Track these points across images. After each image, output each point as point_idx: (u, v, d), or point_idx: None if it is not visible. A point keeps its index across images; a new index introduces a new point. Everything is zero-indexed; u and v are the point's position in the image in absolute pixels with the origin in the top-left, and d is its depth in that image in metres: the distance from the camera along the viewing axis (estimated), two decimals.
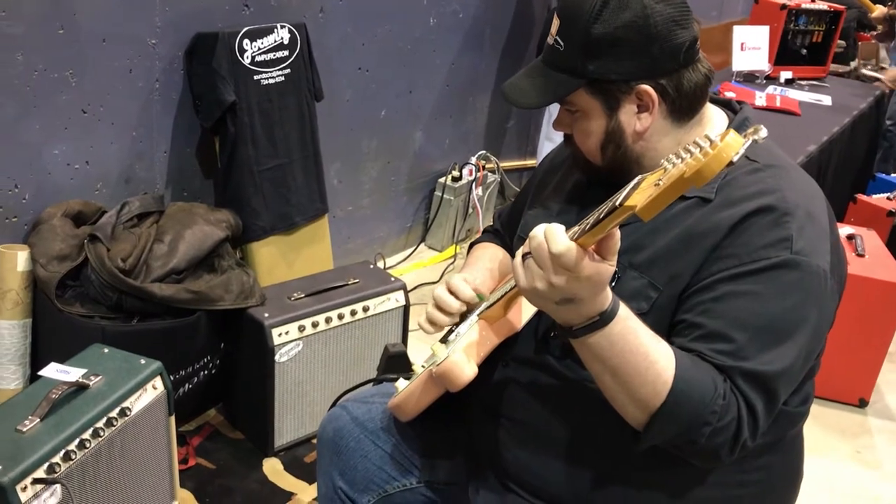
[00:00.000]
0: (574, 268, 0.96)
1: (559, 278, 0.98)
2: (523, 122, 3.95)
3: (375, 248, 3.36)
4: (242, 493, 2.13)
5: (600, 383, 1.09)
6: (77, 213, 2.16)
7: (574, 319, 1.03)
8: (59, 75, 2.08)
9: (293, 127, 2.59)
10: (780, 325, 1.09)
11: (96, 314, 2.03)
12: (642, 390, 1.04)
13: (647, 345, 1.04)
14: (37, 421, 1.60)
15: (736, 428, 1.05)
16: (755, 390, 1.07)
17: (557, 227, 0.98)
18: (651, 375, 1.03)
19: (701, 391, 1.04)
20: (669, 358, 1.05)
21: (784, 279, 1.09)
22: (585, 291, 0.99)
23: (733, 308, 1.09)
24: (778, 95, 3.86)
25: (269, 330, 2.12)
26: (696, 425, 1.04)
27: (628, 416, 1.09)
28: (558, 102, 1.23)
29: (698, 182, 0.82)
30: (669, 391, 1.03)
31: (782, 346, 1.08)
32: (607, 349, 1.03)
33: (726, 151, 0.81)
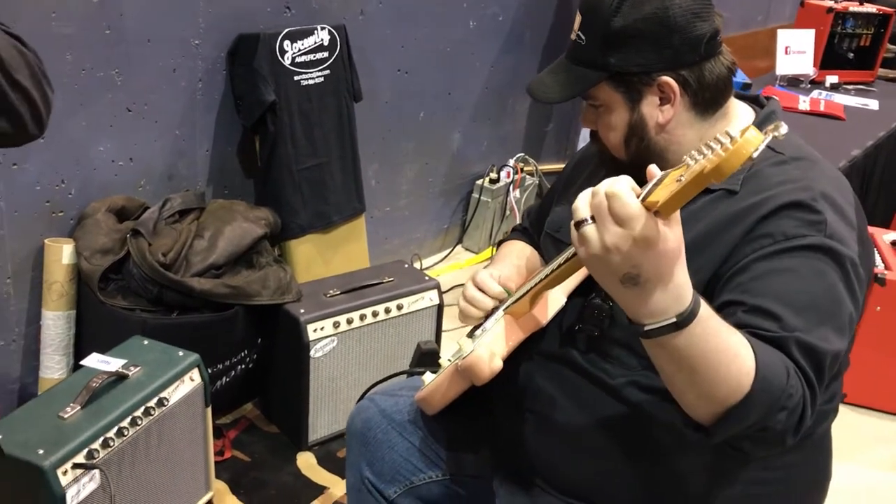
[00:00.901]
0: (630, 216, 0.87)
1: (615, 233, 0.89)
2: (562, 125, 3.95)
3: (412, 249, 3.38)
4: (276, 486, 2.17)
5: (670, 382, 1.02)
6: (120, 208, 2.21)
7: (642, 310, 0.93)
8: (105, 74, 2.14)
9: (332, 127, 2.62)
10: (821, 304, 1.06)
11: (137, 307, 2.08)
12: (724, 387, 0.97)
13: (728, 340, 0.97)
14: (78, 408, 1.65)
15: (802, 407, 1.01)
16: (809, 363, 1.03)
17: (623, 176, 0.92)
18: (733, 370, 0.96)
19: (779, 376, 0.99)
20: (748, 349, 0.98)
21: (819, 260, 1.08)
22: (649, 264, 0.90)
23: (774, 284, 1.06)
24: (822, 100, 3.81)
25: (305, 325, 2.15)
26: (773, 411, 0.99)
27: (697, 411, 1.02)
28: (581, 97, 1.24)
29: (718, 178, 0.82)
30: (753, 382, 0.96)
31: (826, 326, 1.05)
32: (687, 351, 0.95)
33: (745, 148, 0.81)
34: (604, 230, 0.90)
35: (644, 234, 0.88)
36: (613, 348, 1.19)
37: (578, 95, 1.23)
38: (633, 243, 0.89)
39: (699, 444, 1.14)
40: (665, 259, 0.90)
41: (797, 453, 1.20)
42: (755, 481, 1.19)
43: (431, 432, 1.43)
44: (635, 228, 0.88)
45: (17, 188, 2.06)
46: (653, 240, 0.89)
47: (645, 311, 0.94)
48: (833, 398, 1.23)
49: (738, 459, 1.17)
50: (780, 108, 1.28)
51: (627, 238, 0.89)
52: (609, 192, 0.90)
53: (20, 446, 1.54)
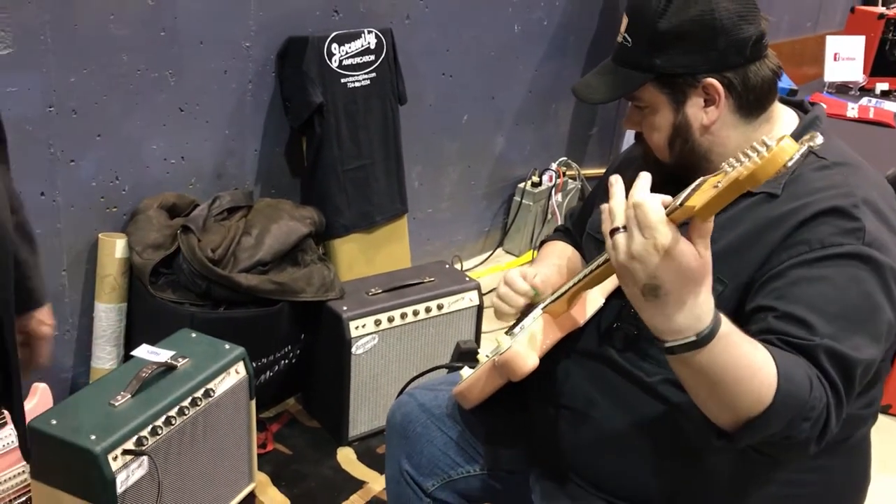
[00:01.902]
0: (652, 225, 0.91)
1: (640, 241, 0.92)
2: (606, 129, 3.94)
3: (453, 251, 3.41)
4: (316, 479, 2.21)
5: (692, 394, 1.03)
6: (172, 205, 2.27)
7: (663, 327, 0.96)
8: (159, 75, 2.21)
9: (377, 129, 2.66)
10: (855, 313, 1.07)
11: (186, 301, 2.13)
12: (745, 399, 0.99)
13: (748, 356, 0.98)
14: (128, 397, 1.70)
15: (826, 416, 1.02)
16: (837, 371, 1.04)
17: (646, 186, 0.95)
18: (755, 384, 0.98)
19: (801, 388, 1.00)
20: (770, 362, 0.99)
21: (855, 268, 1.08)
22: (671, 278, 0.92)
23: (807, 292, 1.07)
24: (871, 107, 3.75)
25: (347, 322, 2.19)
26: (796, 422, 1.00)
27: (720, 420, 1.04)
28: (627, 98, 1.25)
29: (752, 184, 0.85)
30: (775, 394, 0.98)
31: (859, 334, 1.06)
32: (708, 367, 0.97)
33: (780, 156, 0.83)
34: (630, 238, 0.94)
35: (664, 244, 0.91)
36: (651, 347, 1.20)
37: (624, 96, 1.25)
38: (654, 253, 0.92)
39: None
40: (687, 276, 0.93)
41: (834, 457, 1.20)
42: (790, 482, 1.19)
43: (469, 427, 1.46)
44: (657, 238, 0.91)
45: (74, 184, 2.13)
46: (672, 251, 0.91)
47: (665, 328, 0.96)
48: (872, 403, 1.23)
49: (772, 460, 1.18)
50: (825, 113, 1.28)
51: (649, 247, 0.92)
52: (635, 201, 0.93)
53: (73, 432, 1.60)
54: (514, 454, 1.43)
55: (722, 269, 1.14)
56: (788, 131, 1.24)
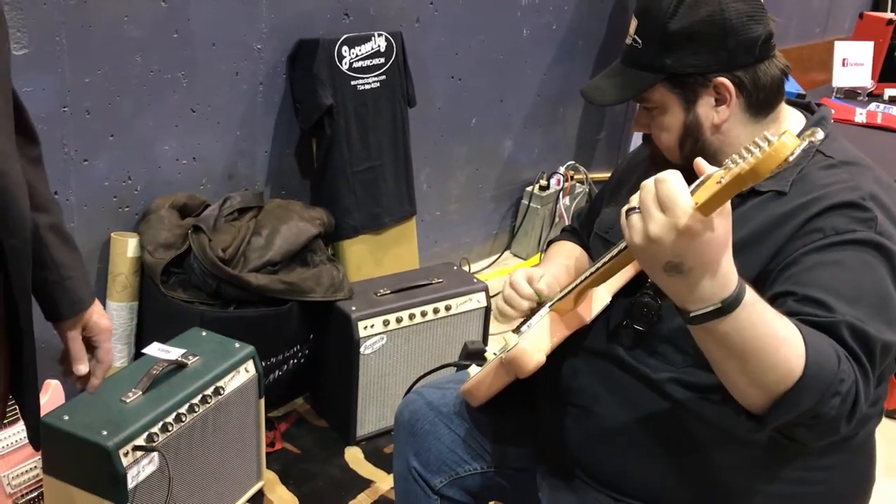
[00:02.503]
0: (675, 203, 0.89)
1: (659, 222, 0.91)
2: (614, 134, 3.95)
3: (461, 253, 3.42)
4: (324, 478, 2.22)
5: (720, 370, 1.03)
6: (183, 205, 2.29)
7: (687, 298, 0.95)
8: (171, 76, 2.23)
9: (386, 131, 2.68)
10: (871, 297, 1.07)
11: (196, 300, 2.15)
12: (774, 373, 0.97)
13: (775, 326, 0.98)
14: (139, 393, 1.72)
15: (855, 392, 1.01)
16: (861, 348, 1.03)
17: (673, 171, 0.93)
18: (782, 356, 0.97)
19: (830, 362, 0.99)
20: (798, 334, 0.99)
21: (868, 255, 1.09)
22: (692, 255, 0.92)
23: (824, 276, 1.08)
24: (880, 112, 3.75)
25: (356, 322, 2.20)
26: (826, 397, 0.99)
27: (749, 399, 1.02)
28: (636, 100, 1.27)
29: (754, 179, 0.85)
30: (804, 367, 0.97)
31: (878, 317, 1.06)
32: (734, 336, 0.96)
33: (781, 151, 0.84)
34: (648, 218, 0.92)
35: (688, 225, 0.90)
36: (659, 345, 1.21)
37: (635, 97, 1.26)
38: (676, 234, 0.91)
39: (741, 440, 1.16)
40: (710, 248, 0.92)
41: (838, 455, 1.21)
42: (795, 481, 1.20)
43: (477, 425, 1.47)
44: (680, 218, 0.90)
45: (87, 183, 2.15)
46: (697, 231, 0.90)
47: (690, 298, 0.95)
48: (877, 401, 1.24)
49: (777, 458, 1.19)
50: (830, 113, 1.30)
51: (671, 229, 0.91)
52: (659, 177, 0.93)
53: (85, 427, 1.62)
54: (522, 452, 1.44)
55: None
56: (795, 131, 1.25)
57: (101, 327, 1.22)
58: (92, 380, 1.24)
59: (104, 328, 1.23)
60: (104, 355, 1.24)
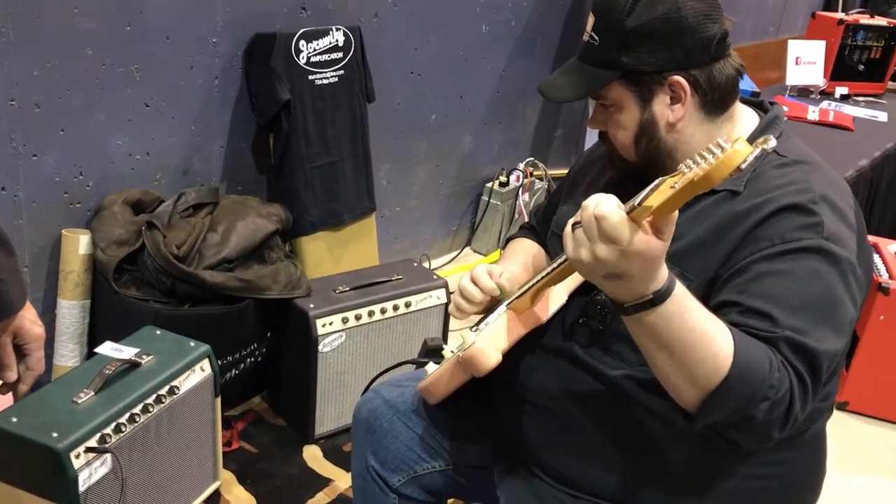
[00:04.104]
0: (620, 238, 0.93)
1: (605, 249, 0.95)
2: (571, 130, 3.98)
3: (421, 250, 3.41)
4: (282, 478, 2.20)
5: (653, 363, 1.06)
6: (136, 201, 2.25)
7: (623, 296, 1.00)
8: (124, 70, 2.19)
9: (345, 127, 2.66)
10: (816, 305, 1.09)
11: (150, 298, 2.11)
12: (701, 368, 1.01)
13: (704, 321, 1.02)
14: (91, 394, 1.68)
15: (789, 401, 1.04)
16: (802, 362, 1.05)
17: (609, 196, 0.96)
18: (710, 352, 1.01)
19: (759, 365, 1.02)
20: (727, 333, 1.02)
21: (816, 262, 1.10)
22: (635, 268, 0.96)
23: (769, 286, 1.09)
24: (831, 110, 3.83)
25: (314, 320, 2.18)
26: (755, 400, 1.02)
27: (682, 396, 1.06)
28: (592, 97, 1.27)
29: (708, 185, 0.87)
30: (731, 366, 1.00)
31: (822, 326, 1.08)
32: (663, 328, 1.01)
33: (734, 158, 0.85)
34: (595, 246, 0.96)
35: (637, 249, 0.94)
36: (614, 343, 1.22)
37: (591, 94, 1.26)
38: (622, 256, 0.95)
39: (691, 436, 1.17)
40: (649, 262, 0.97)
41: (791, 450, 1.23)
42: (748, 476, 1.21)
43: (435, 423, 1.46)
44: (625, 245, 0.94)
45: (36, 179, 2.10)
46: (643, 252, 0.94)
47: (625, 295, 1.01)
48: (827, 397, 1.26)
49: (731, 454, 1.20)
50: (783, 112, 1.31)
51: (616, 252, 0.95)
52: (598, 214, 0.94)
53: (35, 429, 1.57)
54: (479, 449, 1.44)
55: (687, 265, 1.16)
56: (749, 130, 1.26)
57: (33, 335, 1.19)
58: (20, 386, 1.21)
59: (36, 336, 1.19)
60: (35, 363, 1.21)
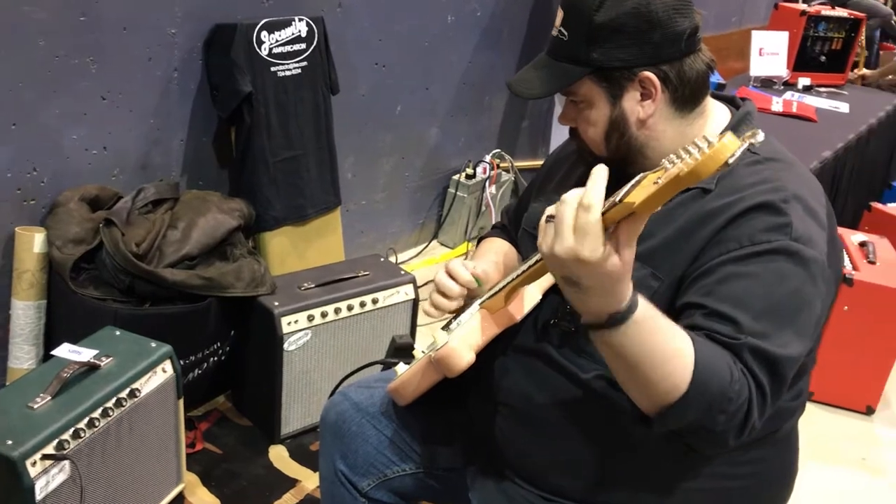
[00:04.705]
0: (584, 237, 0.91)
1: (563, 246, 0.93)
2: (538, 123, 3.96)
3: (388, 243, 3.38)
4: (248, 479, 2.16)
5: (615, 374, 1.07)
6: (93, 197, 2.19)
7: (580, 308, 1.00)
8: (79, 61, 2.12)
9: (308, 119, 2.61)
10: (782, 309, 1.08)
11: (109, 297, 2.05)
12: (659, 386, 1.02)
13: (665, 343, 1.01)
14: (48, 399, 1.63)
15: (746, 410, 1.04)
16: (763, 369, 1.05)
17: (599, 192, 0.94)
18: (668, 371, 1.00)
19: (719, 379, 1.02)
20: (689, 350, 1.01)
21: (784, 264, 1.09)
22: (590, 279, 0.94)
23: (735, 289, 1.08)
24: (795, 101, 3.86)
25: (279, 318, 2.14)
26: (712, 412, 1.02)
27: (641, 405, 1.07)
28: (562, 93, 1.24)
29: (694, 180, 0.84)
30: (690, 383, 1.00)
31: (787, 330, 1.08)
32: (619, 348, 1.01)
33: (722, 153, 0.82)
34: (558, 237, 0.94)
35: (588, 259, 0.93)
36: (587, 344, 1.19)
37: (560, 91, 1.23)
38: (576, 261, 0.93)
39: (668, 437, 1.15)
40: (606, 277, 0.95)
41: (764, 448, 1.22)
42: (722, 476, 1.21)
43: (405, 425, 1.43)
44: (584, 251, 0.92)
45: None
46: (597, 264, 0.93)
47: (582, 310, 1.01)
48: (799, 395, 1.25)
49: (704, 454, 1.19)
50: (756, 109, 1.30)
51: (573, 255, 0.93)
52: (584, 203, 0.93)
53: None
54: (451, 452, 1.41)
55: (658, 264, 1.14)
56: (721, 126, 1.25)
57: None
58: None
59: None
60: None
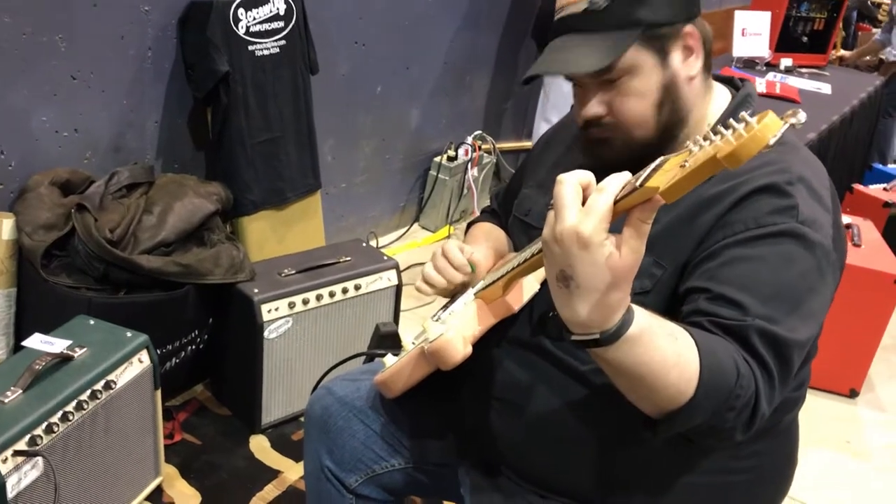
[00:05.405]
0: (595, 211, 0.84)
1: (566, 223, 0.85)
2: (520, 104, 3.91)
3: (369, 227, 3.32)
4: (228, 470, 2.11)
5: (615, 383, 1.00)
6: (65, 181, 2.11)
7: (569, 317, 0.90)
8: (48, 39, 2.04)
9: (287, 100, 2.55)
10: (789, 293, 1.04)
11: (82, 285, 1.99)
12: (662, 395, 0.96)
13: (664, 353, 0.94)
14: (19, 392, 1.58)
15: (754, 403, 0.99)
16: (771, 352, 1.00)
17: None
18: (672, 381, 0.94)
19: (727, 379, 0.96)
20: (692, 355, 0.95)
21: (791, 247, 1.05)
22: (584, 274, 0.86)
23: (741, 273, 1.04)
24: (778, 82, 3.83)
25: (259, 306, 2.08)
26: (720, 412, 0.97)
27: (645, 412, 1.01)
28: (591, 77, 1.14)
29: (732, 164, 0.76)
30: (696, 389, 0.94)
31: (794, 314, 1.03)
32: (615, 364, 0.94)
33: (764, 133, 0.73)
34: (559, 218, 0.87)
35: (588, 237, 0.84)
36: None
37: (617, 58, 1.11)
38: (574, 239, 0.85)
39: None
40: (601, 273, 0.86)
41: (765, 441, 1.19)
42: (722, 470, 1.17)
43: (394, 419, 1.39)
44: (586, 224, 0.84)
45: None
46: (592, 245, 0.85)
47: (572, 320, 0.91)
48: (801, 385, 1.22)
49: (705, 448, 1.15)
50: (756, 92, 1.25)
51: (572, 231, 0.85)
52: (602, 185, 0.86)
53: None
54: (442, 446, 1.37)
55: (661, 252, 1.10)
56: (722, 106, 1.21)
57: None
58: None
59: None
60: None
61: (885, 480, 2.41)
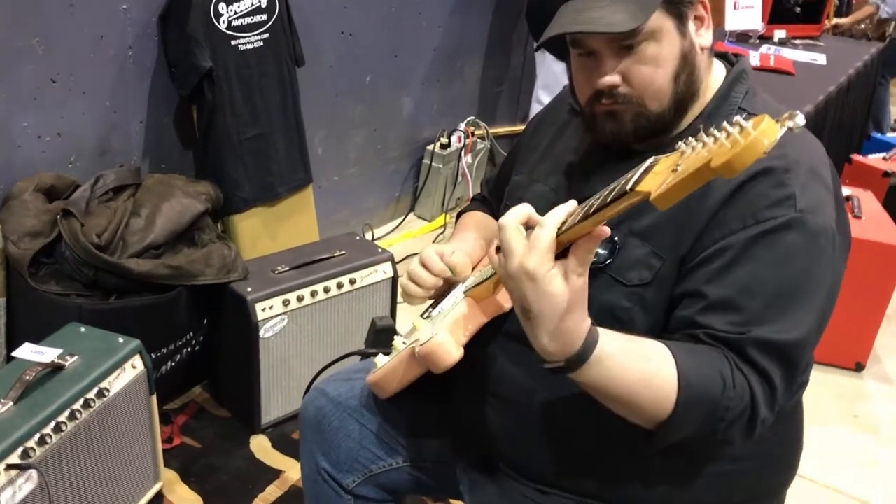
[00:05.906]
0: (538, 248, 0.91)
1: (514, 261, 0.93)
2: (514, 87, 3.87)
3: (363, 219, 3.29)
4: (229, 472, 2.09)
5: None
6: (49, 187, 2.09)
7: (535, 345, 0.97)
8: (24, 44, 2.00)
9: (274, 94, 2.51)
10: (792, 289, 1.02)
11: (72, 292, 1.97)
12: (643, 410, 1.00)
13: (637, 373, 0.98)
14: (10, 404, 1.56)
15: (750, 412, 1.00)
16: (771, 360, 1.01)
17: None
18: (648, 397, 0.98)
19: (710, 392, 0.98)
20: (669, 370, 0.98)
21: (791, 241, 1.02)
22: (537, 303, 0.92)
23: (741, 275, 1.02)
24: (772, 55, 3.78)
25: (253, 305, 2.06)
26: (709, 423, 1.00)
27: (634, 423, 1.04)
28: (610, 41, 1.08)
29: (727, 174, 0.72)
30: (675, 403, 0.97)
31: (797, 312, 1.02)
32: (591, 385, 0.99)
33: (760, 140, 0.70)
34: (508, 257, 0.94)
35: (533, 270, 0.91)
36: None
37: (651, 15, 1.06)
38: (523, 274, 0.92)
39: None
40: (552, 301, 0.92)
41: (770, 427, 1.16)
42: (731, 458, 1.14)
43: (389, 418, 1.36)
44: (530, 258, 0.91)
45: None
46: (538, 277, 0.91)
47: (539, 349, 0.97)
48: (806, 368, 1.19)
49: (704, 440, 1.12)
50: (751, 68, 1.21)
51: (520, 267, 0.92)
52: (543, 220, 0.93)
53: None
54: (439, 444, 1.35)
55: (659, 241, 1.07)
56: (718, 81, 1.17)
57: None
58: None
59: None
60: None
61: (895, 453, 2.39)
